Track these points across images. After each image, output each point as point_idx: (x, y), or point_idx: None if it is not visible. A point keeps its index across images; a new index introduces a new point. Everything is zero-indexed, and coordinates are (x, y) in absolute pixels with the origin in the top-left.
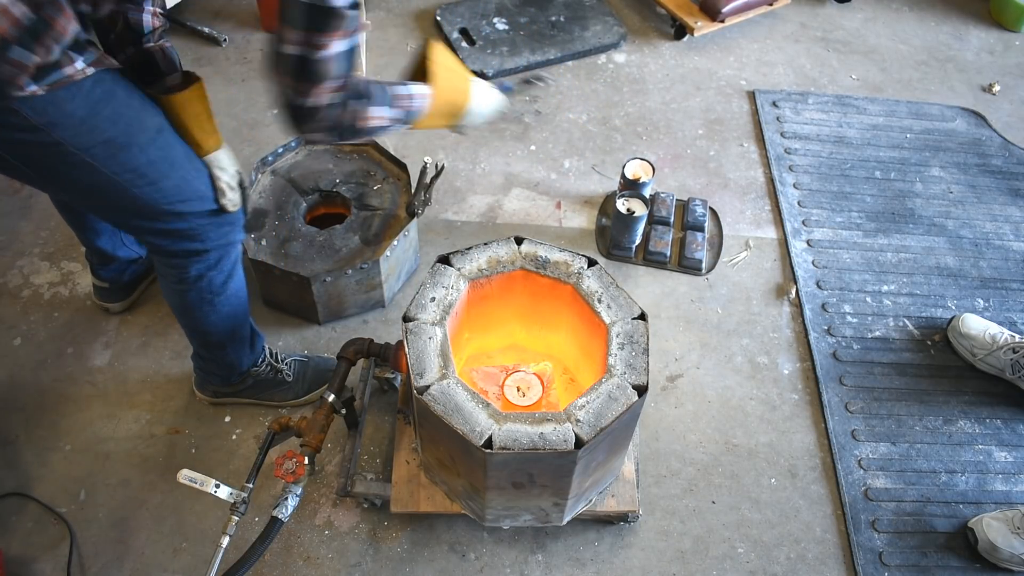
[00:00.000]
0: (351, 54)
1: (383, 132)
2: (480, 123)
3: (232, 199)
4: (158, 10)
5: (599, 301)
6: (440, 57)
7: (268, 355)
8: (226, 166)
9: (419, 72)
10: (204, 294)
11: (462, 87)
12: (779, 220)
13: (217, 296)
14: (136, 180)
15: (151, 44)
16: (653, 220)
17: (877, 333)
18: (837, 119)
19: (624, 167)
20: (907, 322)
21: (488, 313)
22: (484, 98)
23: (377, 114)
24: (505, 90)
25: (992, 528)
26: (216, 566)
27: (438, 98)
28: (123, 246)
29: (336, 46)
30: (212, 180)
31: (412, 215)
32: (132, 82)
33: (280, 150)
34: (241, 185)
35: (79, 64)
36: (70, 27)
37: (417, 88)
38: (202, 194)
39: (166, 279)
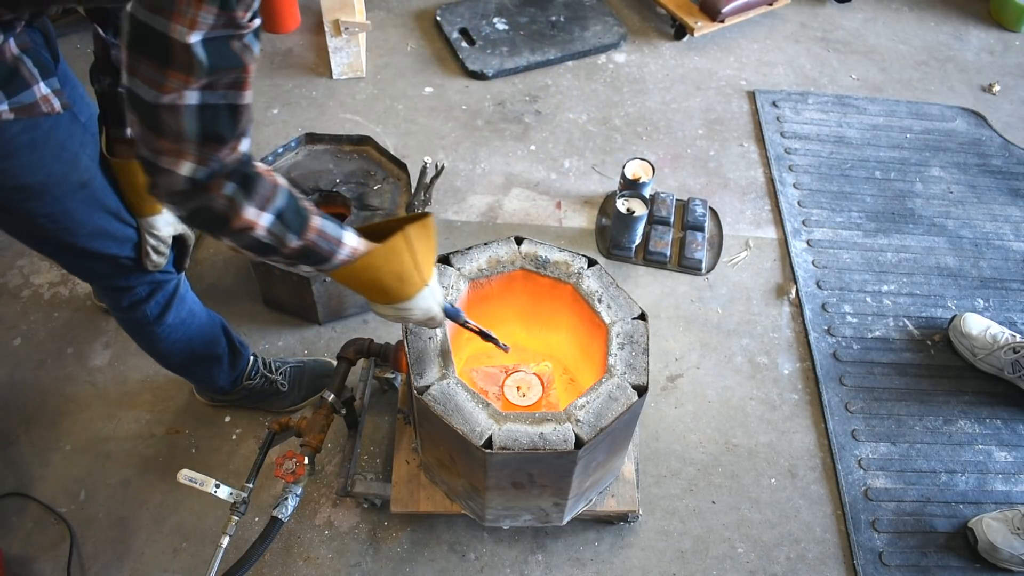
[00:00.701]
0: (223, 116)
1: (271, 256)
2: (394, 318)
3: (155, 261)
4: None
5: (599, 301)
6: (417, 236)
7: (262, 366)
8: (159, 229)
9: (378, 230)
10: (141, 324)
11: (411, 278)
12: (779, 220)
13: (154, 327)
14: (48, 224)
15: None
16: (653, 220)
17: (877, 333)
18: (837, 119)
19: (624, 167)
20: (907, 322)
21: (488, 313)
22: (425, 304)
23: (267, 226)
24: (451, 314)
25: (992, 528)
26: (216, 566)
27: (371, 266)
28: None
29: (185, 95)
30: (139, 239)
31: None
32: (77, 124)
33: (280, 150)
34: (183, 242)
35: (1, 105)
36: None
37: (351, 238)
38: (121, 243)
39: (106, 304)
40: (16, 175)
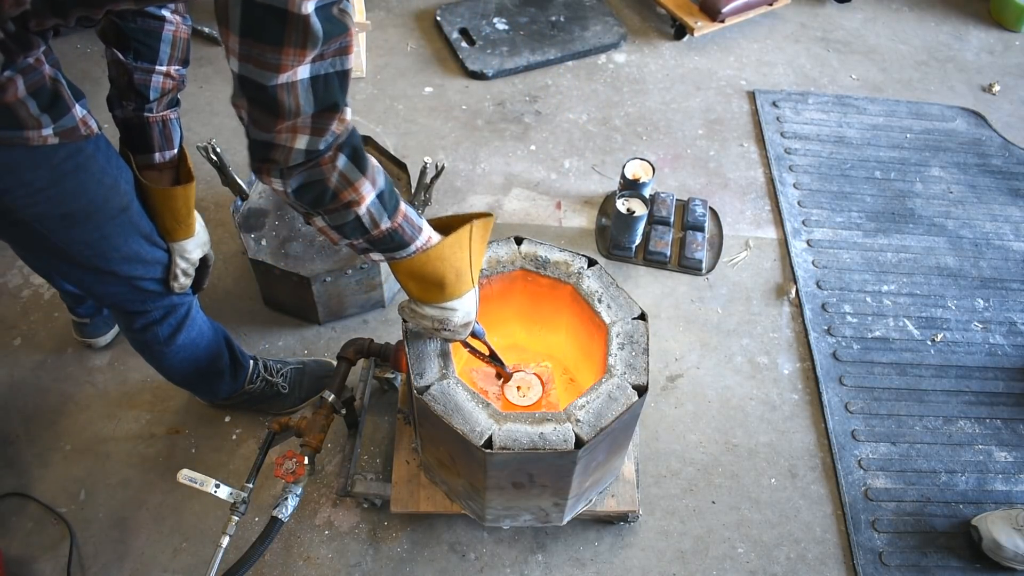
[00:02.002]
0: (334, 83)
1: (356, 239)
2: (432, 321)
3: (182, 284)
4: (174, 70)
5: (599, 301)
6: (478, 234)
7: (263, 369)
8: (190, 252)
9: (443, 224)
10: (152, 345)
11: (466, 276)
12: (779, 220)
13: (164, 347)
14: (84, 250)
15: (152, 114)
16: (653, 220)
17: (877, 333)
18: (837, 119)
19: (624, 167)
20: (907, 322)
21: (488, 313)
22: (469, 306)
23: (369, 204)
24: (477, 331)
25: (996, 526)
26: (216, 566)
27: (439, 257)
28: None
29: (299, 71)
30: (169, 262)
31: None
32: (111, 148)
33: None
34: (204, 264)
35: (46, 130)
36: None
37: (428, 229)
38: (148, 266)
39: (118, 324)
40: (62, 201)
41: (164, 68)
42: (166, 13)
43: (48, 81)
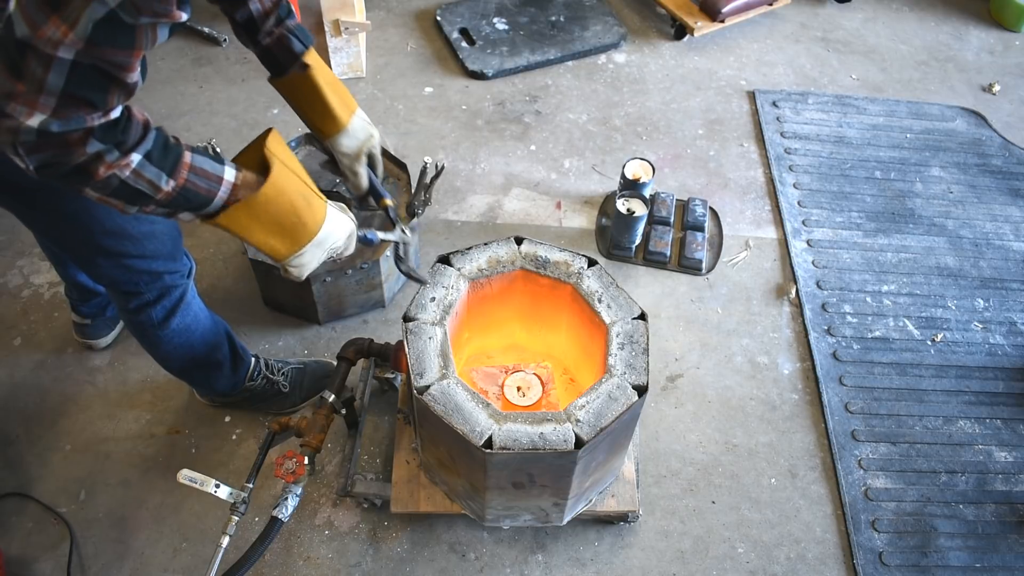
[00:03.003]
0: (97, 82)
1: (145, 205)
2: (320, 261)
3: (356, 184)
4: None
5: (599, 301)
6: (280, 150)
7: (264, 368)
8: (343, 148)
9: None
10: (146, 327)
11: (312, 196)
12: (779, 220)
13: (159, 330)
14: (66, 222)
15: (267, 40)
16: (653, 220)
17: (877, 333)
18: (837, 119)
19: (624, 167)
20: (907, 322)
21: (488, 313)
22: (338, 222)
23: (136, 166)
24: (367, 241)
25: None
26: (216, 566)
27: (280, 191)
28: None
29: (59, 48)
30: (167, 236)
31: (412, 215)
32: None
33: None
34: (372, 163)
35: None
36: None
37: (231, 173)
38: (138, 243)
39: (115, 305)
40: None
41: None
42: None
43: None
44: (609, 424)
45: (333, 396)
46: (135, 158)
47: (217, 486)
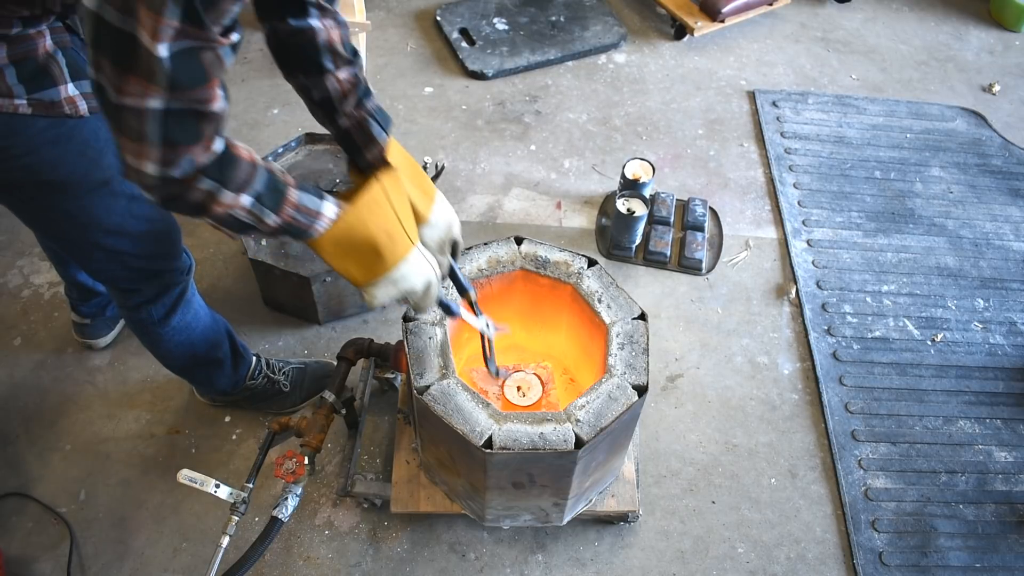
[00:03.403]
0: (189, 122)
1: (250, 233)
2: (392, 299)
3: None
4: (343, 72)
5: (599, 301)
6: (392, 189)
7: (265, 367)
8: (424, 239)
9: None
10: (145, 324)
11: (400, 235)
12: (779, 220)
13: (159, 327)
14: (64, 220)
15: (346, 120)
16: (653, 220)
17: (877, 333)
18: (837, 119)
19: (624, 167)
20: (907, 322)
21: (488, 313)
22: (420, 268)
23: (247, 206)
24: (446, 307)
25: None
26: (216, 566)
27: (360, 221)
28: None
29: (146, 100)
30: (167, 236)
31: None
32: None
33: (280, 150)
34: (455, 250)
35: (18, 100)
36: None
37: (330, 208)
38: (137, 241)
39: (115, 302)
40: (39, 170)
41: (333, 75)
42: (313, 22)
43: (40, 55)
44: (609, 424)
45: (333, 396)
46: (245, 199)
47: (217, 486)
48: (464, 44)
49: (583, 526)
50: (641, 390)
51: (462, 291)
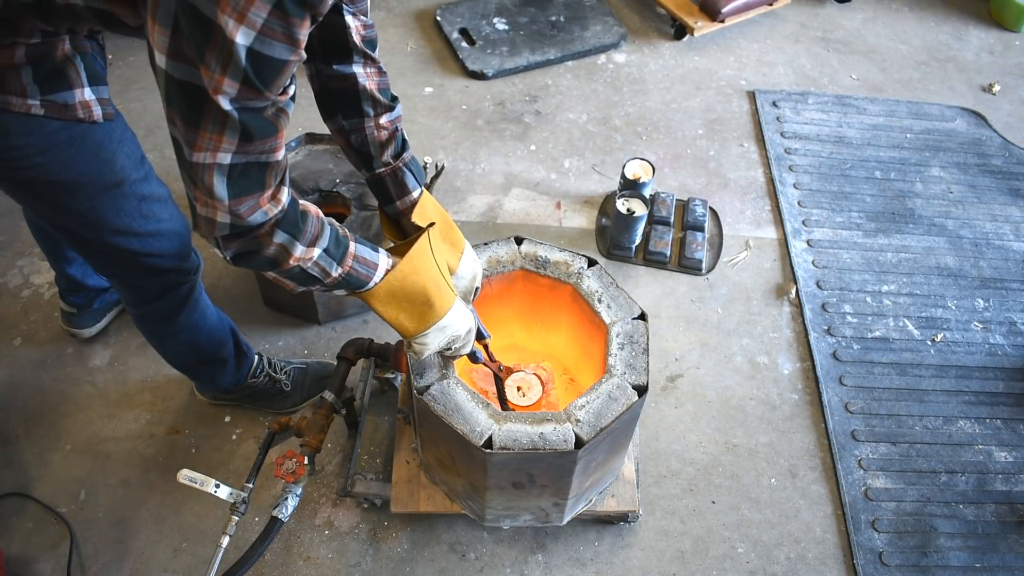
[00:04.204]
0: (253, 174)
1: (313, 285)
2: (440, 347)
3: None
4: (383, 119)
5: (599, 301)
6: (436, 242)
7: (267, 365)
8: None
9: (405, 239)
10: (152, 322)
11: (444, 285)
12: (779, 220)
13: (166, 325)
14: (75, 219)
15: (382, 168)
16: (653, 220)
17: (877, 333)
18: (837, 119)
19: (624, 167)
20: (907, 322)
21: (488, 313)
22: (463, 312)
23: (317, 260)
24: (473, 355)
25: None
26: (216, 566)
27: (413, 271)
28: (93, 275)
29: (217, 155)
30: (176, 235)
31: None
32: (119, 131)
33: None
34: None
35: (32, 100)
36: None
37: (385, 260)
38: (145, 241)
39: (121, 299)
40: (51, 170)
41: (372, 121)
42: (356, 69)
43: (58, 57)
44: (609, 424)
45: (333, 396)
46: (316, 252)
47: (217, 486)
48: (464, 44)
49: (583, 526)
50: (641, 390)
51: (480, 337)
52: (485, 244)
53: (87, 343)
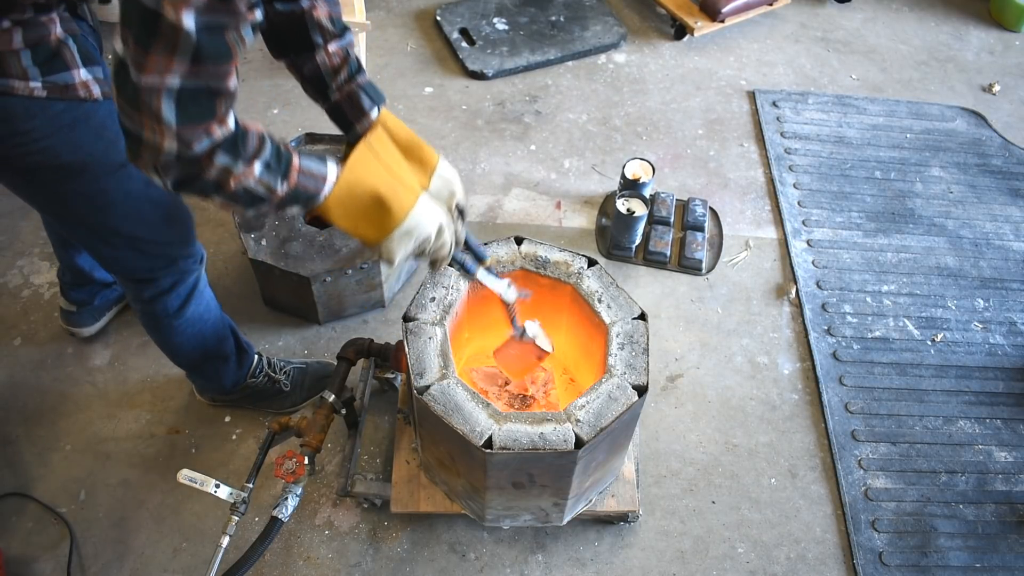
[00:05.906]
0: (203, 101)
1: (261, 207)
2: (410, 253)
3: (440, 253)
4: (331, 47)
5: (599, 301)
6: (379, 145)
7: (266, 365)
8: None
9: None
10: (160, 317)
11: (398, 186)
12: (779, 220)
13: (174, 319)
14: (83, 204)
15: (336, 96)
16: (653, 220)
17: (877, 333)
18: (837, 119)
19: (624, 167)
20: (907, 322)
21: (488, 313)
22: (429, 212)
23: (258, 177)
24: (465, 270)
25: None
26: (216, 566)
27: (356, 179)
28: (100, 267)
29: (165, 78)
30: (188, 223)
31: None
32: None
33: None
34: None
35: (34, 82)
36: None
37: (335, 170)
38: (153, 227)
39: (127, 296)
40: (58, 152)
41: (322, 51)
42: (303, 3)
43: (52, 40)
44: (609, 424)
45: (333, 396)
46: (257, 167)
47: (217, 486)
48: (464, 44)
49: (583, 526)
50: (641, 390)
51: (478, 258)
52: (485, 244)
53: (87, 343)
